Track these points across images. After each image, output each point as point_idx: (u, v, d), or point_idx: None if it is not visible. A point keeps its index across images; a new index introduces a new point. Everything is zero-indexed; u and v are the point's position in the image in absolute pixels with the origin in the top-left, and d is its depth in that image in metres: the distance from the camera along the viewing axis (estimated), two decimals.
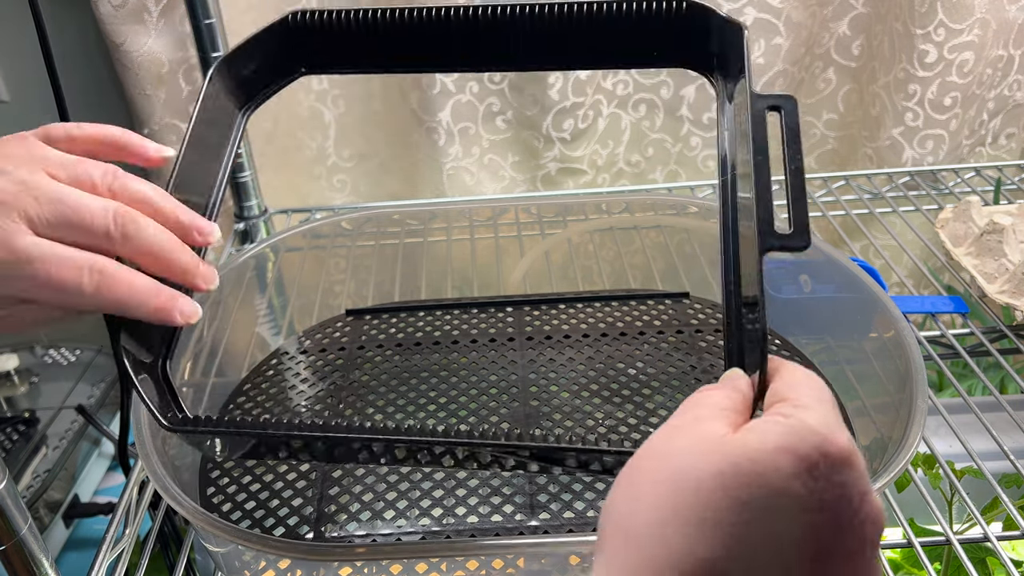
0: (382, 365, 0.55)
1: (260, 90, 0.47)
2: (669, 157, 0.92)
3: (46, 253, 0.33)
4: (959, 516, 0.65)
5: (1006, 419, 0.53)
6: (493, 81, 0.83)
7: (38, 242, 0.33)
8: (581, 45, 0.45)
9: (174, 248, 0.36)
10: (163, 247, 0.35)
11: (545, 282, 0.69)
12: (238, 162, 0.78)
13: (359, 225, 0.64)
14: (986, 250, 0.64)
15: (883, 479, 0.38)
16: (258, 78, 0.46)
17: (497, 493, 0.45)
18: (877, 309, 0.51)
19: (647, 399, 0.51)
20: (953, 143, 0.84)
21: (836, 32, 0.85)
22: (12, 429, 0.73)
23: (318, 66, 0.48)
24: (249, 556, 0.39)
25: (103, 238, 0.34)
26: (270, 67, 0.47)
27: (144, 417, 0.44)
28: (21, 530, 0.33)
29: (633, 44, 0.46)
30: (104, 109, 0.85)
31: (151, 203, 0.36)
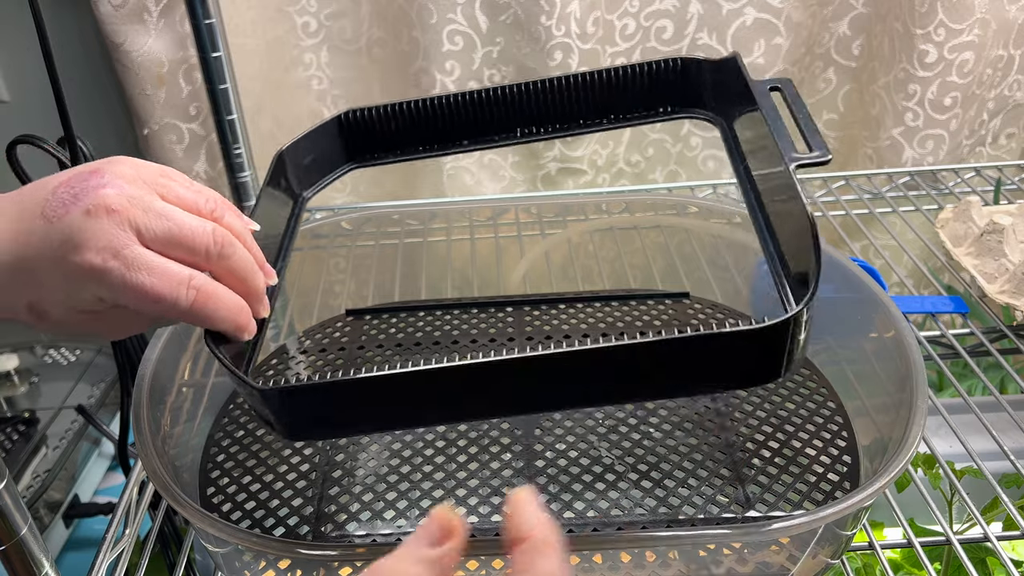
0: (382, 365, 0.55)
1: (314, 181, 0.53)
2: (669, 157, 0.92)
3: (152, 264, 0.35)
4: (959, 516, 0.65)
5: (1006, 419, 0.53)
6: (493, 81, 0.83)
7: (145, 253, 0.35)
8: (597, 109, 0.52)
9: (256, 274, 0.39)
10: (248, 271, 0.39)
11: (545, 282, 0.69)
12: (238, 162, 0.78)
13: (359, 225, 0.64)
14: (986, 250, 0.64)
15: (883, 479, 0.38)
16: (313, 168, 0.52)
17: (497, 493, 0.45)
18: (877, 309, 0.51)
19: None
20: (953, 143, 0.84)
21: (836, 32, 0.86)
22: (12, 429, 0.73)
23: (368, 158, 0.54)
24: (249, 556, 0.39)
25: (202, 255, 0.37)
26: (324, 159, 0.53)
27: (145, 417, 0.44)
28: (21, 530, 0.33)
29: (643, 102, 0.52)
30: (104, 109, 0.85)
31: (240, 235, 0.39)
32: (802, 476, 0.45)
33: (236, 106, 0.75)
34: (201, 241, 0.36)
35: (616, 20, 0.83)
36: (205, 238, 0.37)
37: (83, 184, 0.36)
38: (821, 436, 0.48)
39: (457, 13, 0.78)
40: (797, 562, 0.40)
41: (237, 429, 0.51)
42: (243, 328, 0.38)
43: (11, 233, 0.35)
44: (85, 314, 0.37)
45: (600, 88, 0.52)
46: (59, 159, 0.47)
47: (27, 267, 0.35)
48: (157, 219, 0.36)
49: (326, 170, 0.53)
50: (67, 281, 0.35)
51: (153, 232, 0.35)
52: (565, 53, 0.79)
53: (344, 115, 0.53)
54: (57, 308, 0.36)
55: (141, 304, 0.35)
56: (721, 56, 0.50)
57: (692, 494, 0.44)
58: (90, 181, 0.36)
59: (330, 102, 0.88)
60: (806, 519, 0.36)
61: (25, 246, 0.35)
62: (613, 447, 0.47)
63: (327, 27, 0.84)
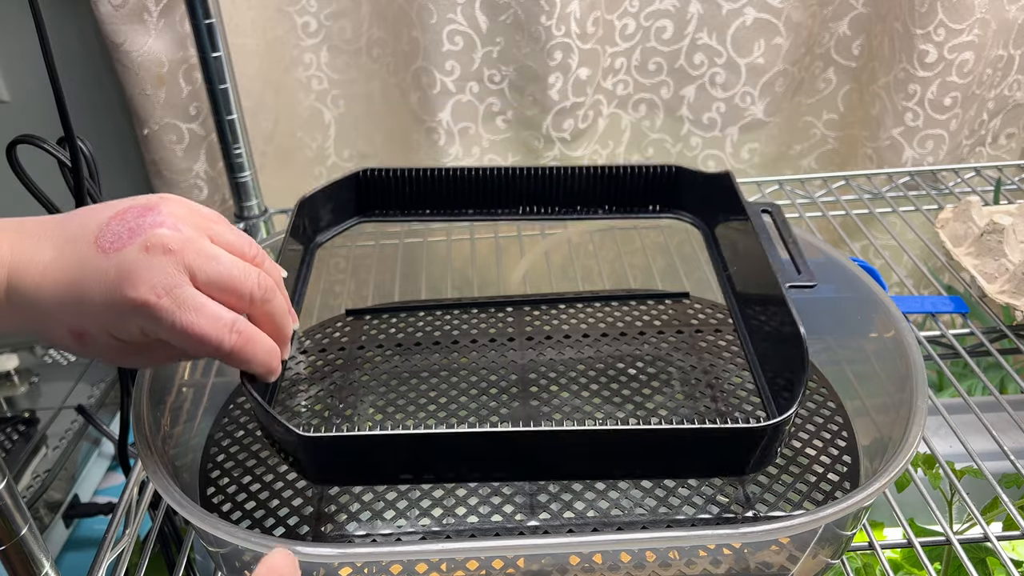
0: (382, 365, 0.55)
1: (327, 230, 0.56)
2: (669, 157, 0.92)
3: (201, 306, 0.36)
4: (959, 516, 0.65)
5: (1006, 419, 0.53)
6: (493, 81, 0.83)
7: (196, 294, 0.37)
8: (594, 199, 0.57)
9: (287, 320, 0.41)
10: (282, 317, 0.41)
11: (545, 282, 0.69)
12: (238, 162, 0.78)
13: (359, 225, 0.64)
14: (986, 250, 0.64)
15: (883, 479, 0.38)
16: (328, 218, 0.56)
17: (497, 493, 0.45)
18: (877, 309, 0.51)
19: (647, 399, 0.51)
20: (953, 143, 0.84)
21: (836, 32, 0.85)
22: (12, 429, 0.73)
23: (377, 214, 0.58)
24: (249, 556, 0.39)
25: (246, 301, 0.38)
26: (339, 211, 0.56)
27: (145, 417, 0.44)
28: (21, 530, 0.33)
29: (637, 199, 0.57)
30: (104, 109, 0.85)
31: (277, 281, 0.41)
32: (802, 476, 0.45)
33: (236, 106, 0.75)
34: (247, 287, 0.38)
35: (616, 20, 0.83)
36: (250, 284, 0.38)
37: (139, 220, 0.37)
38: (821, 436, 0.49)
39: (457, 13, 0.78)
40: (797, 562, 0.40)
41: (237, 429, 0.51)
42: (274, 371, 0.40)
43: (61, 258, 0.36)
44: (125, 344, 0.38)
45: (600, 182, 0.57)
46: (59, 159, 0.47)
47: (76, 293, 0.36)
48: (209, 262, 0.37)
49: (339, 221, 0.57)
50: (115, 312, 0.36)
51: (205, 275, 0.37)
52: (565, 53, 0.79)
53: (362, 172, 0.56)
54: (100, 336, 0.37)
55: (185, 342, 0.36)
56: (714, 171, 0.55)
57: (692, 494, 0.44)
58: (147, 218, 0.37)
59: (330, 102, 0.88)
60: (806, 519, 0.36)
61: (76, 273, 0.36)
62: None
63: (327, 27, 0.84)
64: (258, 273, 0.39)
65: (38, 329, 0.38)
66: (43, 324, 0.37)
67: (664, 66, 0.86)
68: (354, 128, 0.90)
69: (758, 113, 0.88)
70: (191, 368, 0.52)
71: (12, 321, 0.37)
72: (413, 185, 0.57)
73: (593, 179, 0.57)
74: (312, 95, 0.87)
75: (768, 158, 0.92)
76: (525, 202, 0.57)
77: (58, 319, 0.37)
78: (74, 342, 0.38)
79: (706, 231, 0.57)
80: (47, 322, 0.37)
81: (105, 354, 0.38)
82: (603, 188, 0.57)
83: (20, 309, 0.37)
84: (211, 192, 0.85)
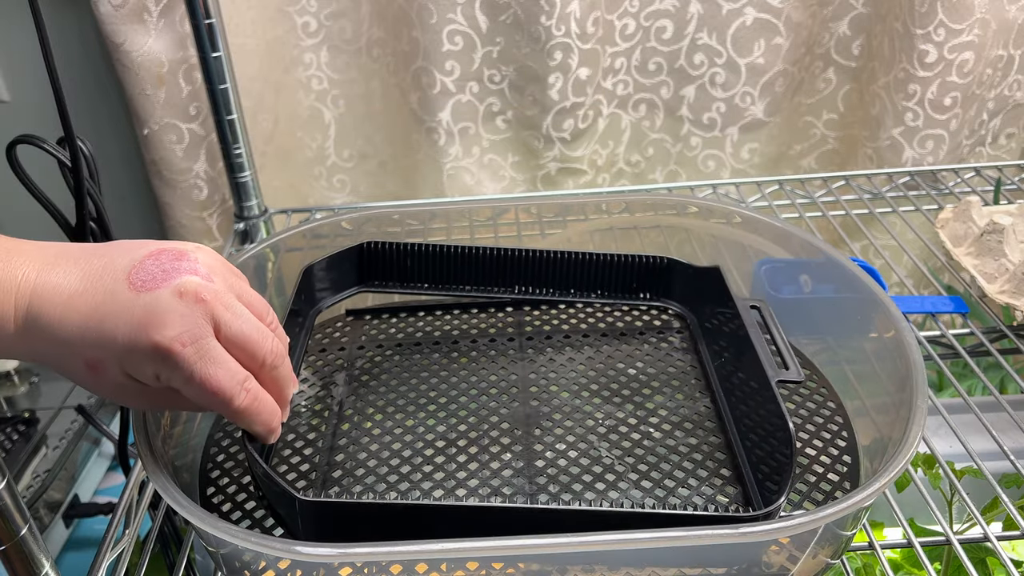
0: (382, 365, 0.55)
1: (328, 297, 0.58)
2: (669, 157, 0.92)
3: (220, 360, 0.37)
4: (959, 516, 0.65)
5: (1006, 419, 0.53)
6: (493, 81, 0.83)
7: (217, 346, 0.37)
8: (588, 283, 0.60)
9: (289, 385, 0.42)
10: (286, 382, 0.42)
11: None
12: (238, 162, 0.78)
13: (359, 225, 0.64)
14: (986, 250, 0.64)
15: (883, 479, 0.38)
16: (330, 286, 0.58)
17: (497, 493, 0.45)
18: (877, 309, 0.51)
19: (647, 399, 0.51)
20: (953, 143, 0.84)
21: (836, 32, 0.86)
22: (12, 429, 0.73)
23: (377, 284, 0.59)
24: (249, 556, 0.39)
25: (258, 362, 0.39)
26: (341, 280, 0.58)
27: (145, 417, 0.44)
28: (21, 530, 0.33)
29: (628, 286, 0.60)
30: (104, 109, 0.85)
31: (286, 349, 0.42)
32: (802, 476, 0.45)
33: (236, 106, 0.75)
34: (263, 350, 0.39)
35: (616, 20, 0.83)
36: (266, 347, 0.39)
37: (174, 263, 0.37)
38: (821, 436, 0.49)
39: (457, 13, 0.78)
40: (797, 562, 0.40)
41: (237, 429, 0.51)
42: (274, 432, 0.41)
43: (89, 290, 0.36)
44: (135, 384, 0.38)
45: (595, 268, 0.59)
46: (59, 159, 0.47)
47: (99, 325, 0.36)
48: (235, 319, 0.38)
49: (339, 289, 0.59)
50: (135, 351, 0.36)
51: (229, 330, 0.37)
52: (565, 53, 0.79)
53: (367, 244, 0.58)
54: (113, 371, 0.37)
55: (198, 393, 0.37)
56: (704, 265, 0.57)
57: (692, 494, 0.44)
58: (181, 263, 0.38)
59: (330, 102, 0.88)
60: (806, 519, 0.36)
61: (102, 305, 0.36)
62: (613, 447, 0.47)
63: (327, 27, 0.84)
64: (273, 338, 0.40)
65: (53, 357, 0.38)
66: (60, 352, 0.37)
67: (664, 66, 0.86)
68: (354, 128, 0.90)
69: (758, 113, 0.88)
70: None
71: (27, 348, 0.37)
72: (414, 259, 0.59)
73: (588, 265, 0.59)
74: (312, 95, 0.87)
75: (768, 158, 0.92)
76: (521, 282, 0.59)
77: (77, 350, 0.37)
78: (89, 374, 0.37)
79: (694, 323, 0.58)
80: (65, 351, 0.37)
81: (114, 392, 0.38)
82: (597, 274, 0.59)
83: (38, 336, 0.36)
84: (211, 192, 0.85)
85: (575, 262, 0.59)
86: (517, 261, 0.59)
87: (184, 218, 0.85)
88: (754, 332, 0.50)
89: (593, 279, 0.59)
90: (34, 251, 0.37)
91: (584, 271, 0.59)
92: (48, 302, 0.36)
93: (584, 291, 0.60)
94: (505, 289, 0.60)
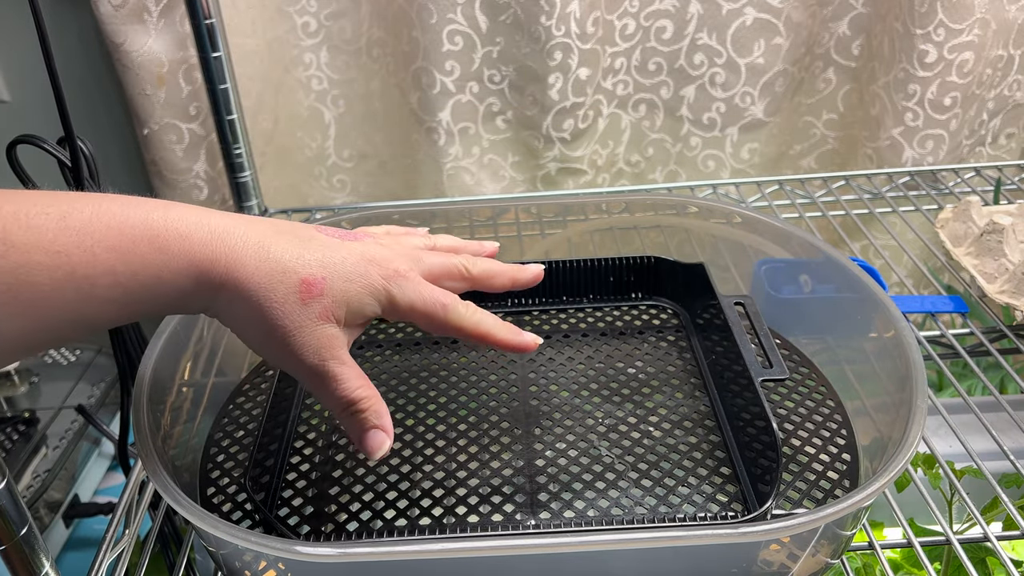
0: (382, 365, 0.55)
1: None
2: (669, 157, 0.93)
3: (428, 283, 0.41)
4: (959, 516, 0.65)
5: (1006, 419, 0.53)
6: (493, 81, 0.83)
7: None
8: (579, 289, 0.61)
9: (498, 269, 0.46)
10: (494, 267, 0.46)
11: None
12: (238, 162, 0.78)
13: (359, 225, 0.64)
14: (986, 250, 0.64)
15: (883, 479, 0.38)
16: None
17: (497, 493, 0.45)
18: (877, 309, 0.51)
19: (647, 398, 0.51)
20: (953, 143, 0.85)
21: (836, 32, 0.86)
22: (12, 429, 0.73)
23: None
24: (249, 556, 0.39)
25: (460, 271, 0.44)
26: None
27: (145, 417, 0.44)
28: (21, 530, 0.33)
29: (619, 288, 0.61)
30: (104, 109, 0.85)
31: None
32: (801, 475, 0.45)
33: (236, 106, 0.75)
34: (454, 261, 0.45)
35: (616, 20, 0.83)
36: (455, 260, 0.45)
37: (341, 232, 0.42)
38: (820, 435, 0.49)
39: (457, 13, 0.78)
40: (797, 561, 0.40)
41: (237, 429, 0.51)
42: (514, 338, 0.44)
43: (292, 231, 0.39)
44: (325, 322, 0.38)
45: (583, 274, 0.60)
46: (59, 159, 0.47)
47: (321, 250, 0.39)
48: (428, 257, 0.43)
49: None
50: (369, 269, 0.39)
51: (422, 266, 0.43)
52: (565, 53, 0.79)
53: None
54: (331, 292, 0.38)
55: (412, 314, 0.40)
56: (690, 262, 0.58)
57: (692, 493, 0.44)
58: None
59: (330, 102, 0.88)
60: (806, 518, 0.36)
61: (312, 239, 0.39)
62: (613, 446, 0.47)
63: (327, 27, 0.84)
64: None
65: (254, 283, 0.36)
66: (271, 270, 0.36)
67: (664, 66, 0.86)
68: (354, 128, 0.90)
69: (758, 113, 0.88)
70: (191, 368, 0.52)
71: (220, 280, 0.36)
72: None
73: (577, 272, 0.60)
74: (312, 95, 0.87)
75: (768, 158, 0.92)
76: (513, 295, 0.60)
77: (293, 267, 0.37)
78: (297, 298, 0.37)
79: (686, 318, 0.59)
80: (276, 269, 0.37)
81: (296, 330, 0.37)
82: (587, 279, 0.60)
83: (247, 260, 0.36)
84: (211, 192, 0.85)
85: (567, 270, 0.60)
86: None
87: None
88: (737, 330, 0.50)
89: (586, 284, 0.60)
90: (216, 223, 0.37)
91: (576, 277, 0.60)
92: (249, 240, 0.36)
93: (578, 297, 0.61)
94: (499, 301, 0.60)
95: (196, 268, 0.35)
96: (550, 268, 0.59)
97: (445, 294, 0.41)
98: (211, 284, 0.36)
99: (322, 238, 0.39)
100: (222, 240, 0.36)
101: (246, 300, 0.36)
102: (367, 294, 0.39)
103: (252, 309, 0.36)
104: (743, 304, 0.53)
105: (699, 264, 0.57)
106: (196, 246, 0.35)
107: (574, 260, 0.60)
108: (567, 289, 0.61)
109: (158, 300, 0.35)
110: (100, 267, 0.33)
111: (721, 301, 0.53)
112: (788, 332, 0.57)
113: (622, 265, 0.60)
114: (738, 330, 0.50)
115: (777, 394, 0.52)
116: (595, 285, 0.61)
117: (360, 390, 0.39)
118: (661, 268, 0.60)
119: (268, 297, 0.36)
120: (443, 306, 0.41)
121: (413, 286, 0.40)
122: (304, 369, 0.38)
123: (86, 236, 0.33)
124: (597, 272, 0.60)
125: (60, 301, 0.32)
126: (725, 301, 0.53)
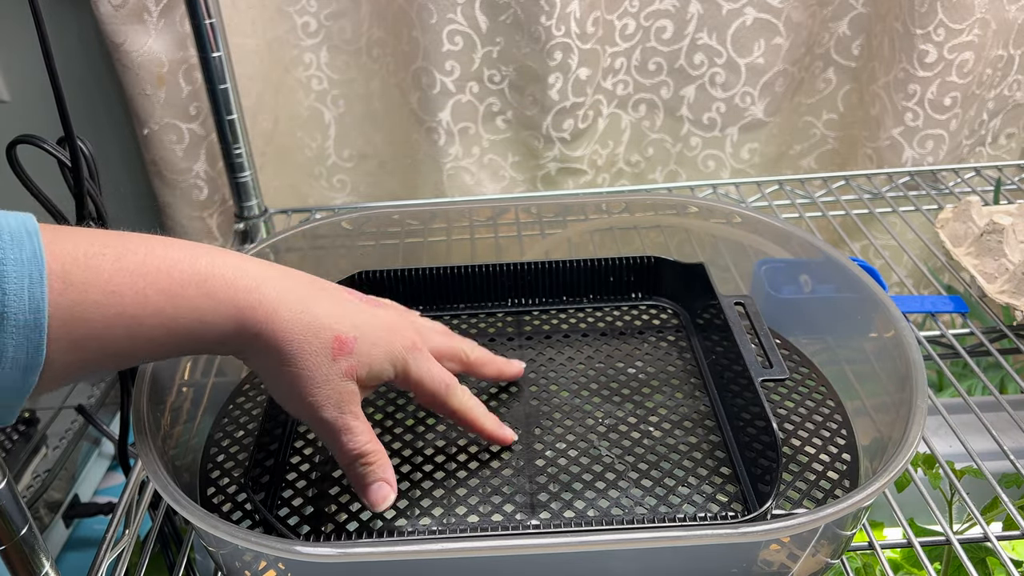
0: None
1: None
2: (669, 157, 0.92)
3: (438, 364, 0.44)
4: (959, 516, 0.65)
5: (1006, 419, 0.53)
6: (493, 81, 0.83)
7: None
8: (579, 289, 0.61)
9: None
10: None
11: None
12: (238, 162, 0.78)
13: (359, 225, 0.64)
14: (986, 250, 0.64)
15: (883, 479, 0.38)
16: None
17: (497, 492, 0.45)
18: (877, 309, 0.51)
19: (647, 398, 0.51)
20: (953, 143, 0.85)
21: (836, 32, 0.86)
22: (12, 429, 0.73)
23: None
24: (249, 556, 0.39)
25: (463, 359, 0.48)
26: None
27: (145, 417, 0.44)
28: (21, 530, 0.33)
29: (618, 288, 0.61)
30: (104, 109, 0.85)
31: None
32: (801, 475, 0.45)
33: (236, 106, 0.75)
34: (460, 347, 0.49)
35: (616, 20, 0.83)
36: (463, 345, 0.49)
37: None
38: (820, 435, 0.49)
39: (457, 13, 0.78)
40: (797, 561, 0.40)
41: (237, 429, 0.51)
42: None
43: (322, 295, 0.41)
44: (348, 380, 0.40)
45: (584, 274, 0.60)
46: (59, 159, 0.47)
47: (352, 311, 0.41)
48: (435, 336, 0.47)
49: None
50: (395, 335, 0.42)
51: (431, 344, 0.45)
52: (565, 53, 0.79)
53: (360, 274, 0.60)
54: (359, 353, 0.40)
55: (417, 388, 0.43)
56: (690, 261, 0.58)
57: (692, 493, 0.44)
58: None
59: (330, 102, 0.88)
60: (806, 518, 0.36)
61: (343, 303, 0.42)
62: (613, 446, 0.47)
63: (327, 27, 0.84)
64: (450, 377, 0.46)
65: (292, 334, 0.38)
66: (308, 324, 0.38)
67: (664, 66, 0.86)
68: (354, 128, 0.90)
69: (758, 113, 0.88)
70: (191, 368, 0.52)
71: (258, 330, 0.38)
72: (407, 284, 0.60)
73: (577, 272, 0.60)
74: (312, 95, 0.87)
75: (768, 158, 0.92)
76: (514, 294, 0.61)
77: (327, 324, 0.39)
78: (329, 353, 0.39)
79: (686, 318, 0.59)
80: (314, 324, 0.39)
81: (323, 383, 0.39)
82: (587, 279, 0.60)
83: (284, 314, 0.38)
84: (211, 192, 0.85)
85: (567, 270, 0.60)
86: (510, 274, 0.60)
87: (184, 218, 0.85)
88: (737, 330, 0.50)
89: (586, 284, 0.61)
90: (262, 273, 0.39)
91: (576, 277, 0.60)
92: (290, 292, 0.38)
93: (578, 297, 0.61)
94: (499, 303, 0.61)
95: (240, 314, 0.37)
96: (550, 268, 0.60)
97: (449, 375, 0.44)
98: (249, 331, 0.37)
99: (354, 301, 0.42)
100: (263, 290, 0.38)
101: (280, 349, 0.38)
102: (387, 360, 0.41)
103: (285, 357, 0.38)
104: (743, 304, 0.53)
105: (699, 264, 0.57)
106: (241, 293, 0.37)
107: (574, 260, 0.60)
108: (567, 289, 0.61)
109: (198, 341, 0.37)
110: (150, 308, 0.34)
111: (721, 301, 0.53)
112: (788, 332, 0.57)
113: (622, 265, 0.60)
114: (738, 330, 0.50)
115: (777, 394, 0.52)
116: (595, 285, 0.61)
117: (369, 444, 0.41)
118: (661, 268, 0.60)
119: (303, 349, 0.38)
120: (446, 386, 0.44)
121: (425, 362, 0.43)
122: (321, 419, 0.40)
123: (139, 278, 0.34)
124: (597, 272, 0.60)
125: (109, 338, 0.34)
126: (725, 301, 0.53)
